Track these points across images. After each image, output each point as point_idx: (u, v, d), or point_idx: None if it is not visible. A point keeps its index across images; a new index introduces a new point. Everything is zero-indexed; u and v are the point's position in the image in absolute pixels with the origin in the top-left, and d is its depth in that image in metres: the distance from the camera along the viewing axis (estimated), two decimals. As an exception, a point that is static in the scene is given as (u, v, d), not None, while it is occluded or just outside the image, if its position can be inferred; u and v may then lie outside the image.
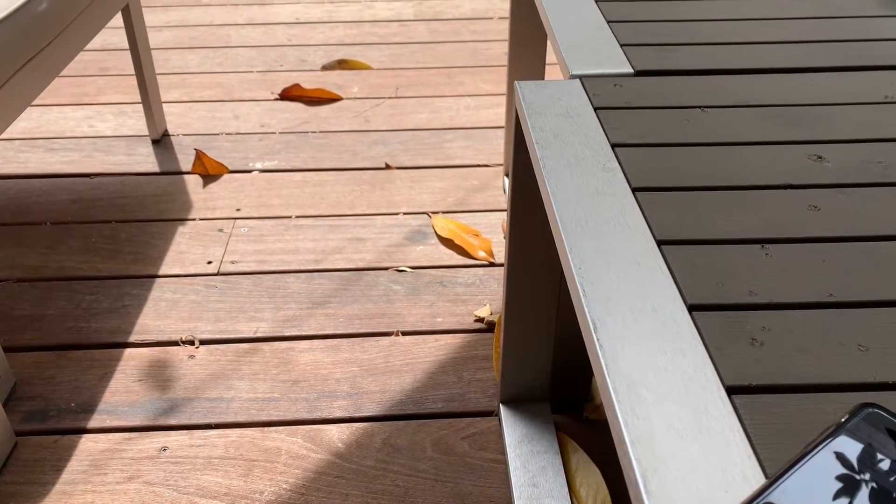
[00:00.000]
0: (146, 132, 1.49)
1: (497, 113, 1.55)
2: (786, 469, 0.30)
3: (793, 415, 0.35)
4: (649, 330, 0.40)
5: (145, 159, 1.41)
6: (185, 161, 1.40)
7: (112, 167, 1.39)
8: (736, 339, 0.39)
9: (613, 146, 0.56)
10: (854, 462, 0.30)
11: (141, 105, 1.59)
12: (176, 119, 1.54)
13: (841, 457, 0.31)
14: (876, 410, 0.32)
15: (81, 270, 1.14)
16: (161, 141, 1.46)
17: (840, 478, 0.30)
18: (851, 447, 0.31)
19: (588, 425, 0.89)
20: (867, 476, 0.30)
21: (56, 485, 0.83)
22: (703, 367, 0.38)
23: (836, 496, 0.29)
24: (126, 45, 1.86)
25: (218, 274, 1.13)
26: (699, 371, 0.38)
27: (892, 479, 0.30)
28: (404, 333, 1.03)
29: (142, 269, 1.14)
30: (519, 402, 0.89)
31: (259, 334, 1.03)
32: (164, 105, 1.58)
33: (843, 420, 0.32)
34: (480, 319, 1.05)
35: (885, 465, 0.30)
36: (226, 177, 1.36)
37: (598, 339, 0.39)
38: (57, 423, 0.91)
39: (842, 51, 0.70)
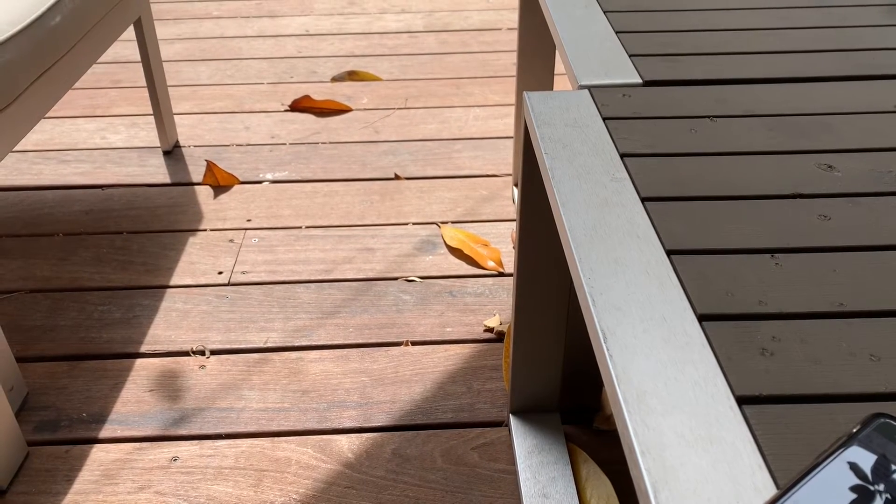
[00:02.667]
0: (158, 144, 1.50)
1: (506, 123, 1.56)
2: (798, 479, 0.30)
3: (804, 425, 0.35)
4: (659, 340, 0.40)
5: (157, 170, 1.42)
6: (196, 172, 1.41)
7: (124, 178, 1.40)
8: (746, 349, 0.39)
9: (622, 156, 0.56)
10: (868, 472, 0.30)
11: (152, 117, 1.60)
12: (187, 130, 1.55)
13: (854, 467, 0.30)
14: (888, 421, 0.32)
15: (93, 281, 1.15)
16: (172, 152, 1.47)
17: (854, 488, 0.30)
18: (864, 457, 0.31)
19: (598, 436, 0.89)
20: (881, 486, 0.30)
21: (67, 495, 0.84)
22: (714, 378, 0.38)
23: (850, 507, 0.29)
24: (138, 57, 1.88)
25: (228, 284, 1.14)
26: (709, 381, 0.37)
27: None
28: (414, 343, 1.03)
29: (153, 279, 1.15)
30: (529, 412, 0.89)
31: (269, 344, 1.03)
32: (175, 117, 1.59)
33: (855, 430, 0.32)
34: (490, 329, 1.05)
35: (898, 475, 0.30)
36: (236, 187, 1.36)
37: (607, 350, 0.39)
38: (69, 433, 0.91)
39: (849, 60, 0.70)
